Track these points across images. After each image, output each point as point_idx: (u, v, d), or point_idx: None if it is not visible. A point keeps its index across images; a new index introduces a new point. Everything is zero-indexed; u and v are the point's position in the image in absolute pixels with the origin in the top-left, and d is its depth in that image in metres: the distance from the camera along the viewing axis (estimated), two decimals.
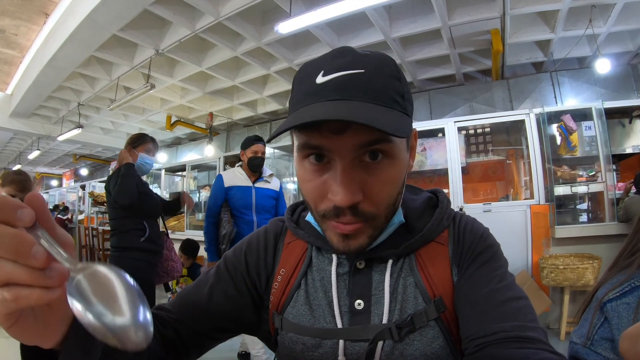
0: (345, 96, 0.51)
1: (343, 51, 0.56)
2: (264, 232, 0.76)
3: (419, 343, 0.58)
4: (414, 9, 4.42)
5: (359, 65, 0.53)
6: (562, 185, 3.94)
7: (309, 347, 0.62)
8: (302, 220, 0.74)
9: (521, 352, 0.49)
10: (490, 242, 0.65)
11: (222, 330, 0.70)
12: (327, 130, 0.52)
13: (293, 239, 0.73)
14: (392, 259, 0.63)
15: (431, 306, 0.59)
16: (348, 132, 0.51)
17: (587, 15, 4.17)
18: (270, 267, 0.71)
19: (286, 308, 0.66)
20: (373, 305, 0.61)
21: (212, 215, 2.98)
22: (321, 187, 0.55)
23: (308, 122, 0.49)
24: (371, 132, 0.51)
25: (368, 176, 0.54)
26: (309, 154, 0.55)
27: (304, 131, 0.54)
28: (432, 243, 0.65)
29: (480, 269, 0.61)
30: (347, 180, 0.52)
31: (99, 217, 9.70)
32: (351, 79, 0.52)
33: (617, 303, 0.71)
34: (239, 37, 4.92)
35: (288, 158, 6.16)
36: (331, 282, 0.64)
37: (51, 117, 8.39)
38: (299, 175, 0.60)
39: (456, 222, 0.68)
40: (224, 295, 0.69)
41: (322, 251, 0.68)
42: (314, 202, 0.58)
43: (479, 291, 0.58)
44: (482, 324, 0.54)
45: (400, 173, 0.58)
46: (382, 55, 0.57)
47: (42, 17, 5.57)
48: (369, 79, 0.52)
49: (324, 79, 0.53)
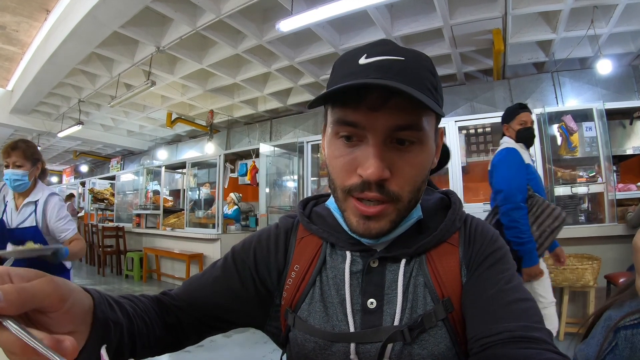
0: (386, 77, 0.54)
1: (385, 41, 0.61)
2: (275, 228, 0.76)
3: (427, 343, 0.59)
4: (415, 7, 4.42)
5: (400, 54, 0.57)
6: (562, 186, 3.94)
7: (321, 346, 0.62)
8: (315, 214, 0.74)
9: (525, 352, 0.49)
10: (499, 245, 0.66)
11: (223, 321, 0.71)
12: (365, 107, 0.54)
13: (306, 234, 0.73)
14: (406, 259, 0.64)
15: (439, 306, 0.60)
16: (385, 110, 0.54)
17: (589, 15, 4.17)
18: (282, 263, 0.71)
19: (301, 305, 0.66)
20: (385, 304, 0.62)
21: (524, 199, 2.28)
22: (351, 163, 0.57)
23: (353, 85, 0.51)
24: (405, 115, 0.54)
25: (397, 158, 0.56)
26: (343, 132, 0.57)
27: (341, 106, 0.57)
28: (444, 244, 0.65)
29: (489, 270, 0.62)
30: (379, 155, 0.54)
31: (99, 213, 9.72)
32: (392, 63, 0.55)
33: (632, 332, 0.66)
34: (240, 35, 4.92)
35: (288, 156, 6.16)
36: (344, 280, 0.64)
37: (51, 114, 8.39)
38: (328, 151, 0.61)
39: (467, 223, 0.68)
40: (228, 288, 0.70)
41: (336, 248, 0.69)
42: (341, 177, 0.59)
43: (486, 292, 0.59)
44: (488, 324, 0.55)
45: (427, 161, 0.60)
46: (420, 52, 0.61)
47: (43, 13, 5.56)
48: (408, 67, 0.56)
49: (366, 60, 0.56)
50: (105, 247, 7.53)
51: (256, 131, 8.42)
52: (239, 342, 3.73)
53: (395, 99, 0.53)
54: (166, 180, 8.23)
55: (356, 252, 0.66)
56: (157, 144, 10.89)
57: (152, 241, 7.29)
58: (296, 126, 7.75)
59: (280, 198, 6.14)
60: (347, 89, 0.52)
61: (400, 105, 0.53)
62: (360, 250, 0.66)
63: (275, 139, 7.81)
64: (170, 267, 6.73)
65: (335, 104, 0.58)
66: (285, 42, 5.15)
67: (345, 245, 0.66)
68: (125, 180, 9.30)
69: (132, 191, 8.87)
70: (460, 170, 4.35)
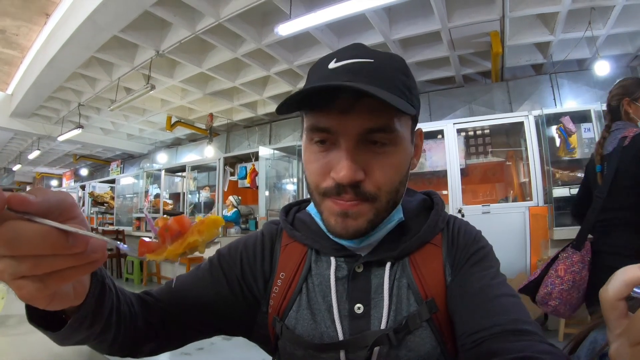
0: (355, 79, 0.54)
1: (356, 45, 0.61)
2: (261, 235, 0.75)
3: (413, 344, 0.59)
4: (413, 11, 4.43)
5: (369, 56, 0.57)
6: (560, 187, 3.95)
7: (311, 354, 0.62)
8: (298, 220, 0.74)
9: (518, 344, 0.50)
10: (483, 244, 0.67)
11: (207, 325, 0.70)
12: (336, 110, 0.54)
13: (290, 240, 0.72)
14: (391, 262, 0.63)
15: (423, 307, 0.60)
16: (355, 113, 0.54)
17: (587, 17, 4.18)
18: (267, 271, 0.71)
19: (288, 312, 0.66)
20: (373, 308, 0.62)
21: None
22: (325, 166, 0.58)
23: (316, 88, 0.51)
24: (376, 117, 0.54)
25: (371, 159, 0.56)
26: (316, 137, 0.58)
27: (313, 112, 0.57)
28: (427, 245, 0.65)
29: (474, 267, 0.62)
30: (350, 158, 0.54)
31: (99, 217, 9.71)
32: (361, 66, 0.56)
33: None
34: (239, 39, 4.93)
35: (288, 159, 6.17)
36: (330, 286, 0.64)
37: (51, 118, 8.39)
38: (304, 157, 0.62)
39: (450, 224, 0.69)
40: (214, 292, 0.69)
41: (320, 254, 0.68)
42: (316, 181, 0.60)
43: (473, 287, 0.59)
44: (478, 319, 0.55)
45: (403, 162, 0.60)
46: (392, 53, 0.62)
47: (43, 17, 5.58)
48: (378, 68, 0.56)
49: (336, 64, 0.57)
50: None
51: (255, 134, 8.43)
52: (239, 345, 3.73)
53: (365, 101, 0.53)
54: (166, 184, 8.24)
55: (340, 258, 0.66)
56: (156, 147, 10.89)
57: None
58: (295, 129, 7.76)
59: (279, 201, 6.14)
60: (313, 92, 0.52)
61: (370, 107, 0.53)
62: (344, 255, 0.66)
63: (274, 142, 7.81)
64: (171, 271, 6.73)
65: (308, 110, 0.59)
66: (284, 46, 5.17)
67: (330, 251, 0.66)
68: (125, 184, 9.30)
69: (132, 194, 8.87)
70: (459, 172, 4.36)
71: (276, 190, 6.21)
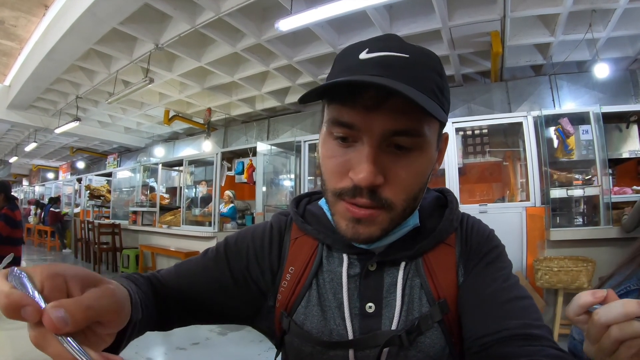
0: (386, 74, 0.50)
1: (390, 36, 0.57)
2: (269, 226, 0.73)
3: (423, 345, 0.58)
4: (414, 9, 4.42)
5: (405, 51, 0.53)
6: (558, 188, 3.96)
7: (319, 351, 0.61)
8: (309, 213, 0.71)
9: (527, 349, 0.49)
10: (496, 243, 0.66)
11: (207, 311, 0.69)
12: (362, 106, 0.50)
13: (300, 234, 0.70)
14: (405, 262, 0.62)
15: (435, 308, 0.59)
16: (382, 110, 0.50)
17: (587, 19, 4.18)
18: (275, 265, 0.68)
19: (297, 308, 0.64)
20: (384, 308, 0.60)
21: None
22: (344, 165, 0.54)
23: (344, 81, 0.47)
24: (404, 119, 0.50)
25: (393, 164, 0.53)
26: (337, 132, 0.54)
27: (337, 104, 0.53)
28: (441, 244, 0.64)
29: (486, 269, 0.61)
30: (372, 161, 0.50)
31: (94, 210, 9.67)
32: (395, 60, 0.51)
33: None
34: (239, 33, 4.91)
35: (285, 155, 6.15)
36: (342, 284, 0.63)
37: (49, 110, 8.35)
38: (322, 150, 0.58)
39: (463, 223, 0.67)
40: (217, 281, 0.68)
41: (332, 250, 0.66)
42: (333, 179, 0.56)
43: (484, 290, 0.58)
44: (487, 323, 0.54)
45: (425, 169, 0.56)
46: (429, 50, 0.56)
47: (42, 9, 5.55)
48: (412, 65, 0.52)
49: (367, 55, 0.52)
50: (101, 244, 7.50)
51: (254, 130, 8.42)
52: (235, 340, 3.73)
53: (395, 100, 0.49)
54: (163, 178, 8.21)
55: (353, 255, 0.64)
56: (154, 141, 10.86)
57: (149, 238, 7.26)
58: (294, 125, 7.75)
59: (276, 197, 6.13)
60: (340, 85, 0.48)
61: (399, 106, 0.49)
62: (357, 253, 0.64)
63: (272, 138, 7.80)
64: (167, 265, 6.67)
65: (331, 101, 0.55)
66: (284, 41, 5.15)
67: (342, 247, 0.64)
68: (122, 177, 9.26)
69: (128, 188, 8.84)
70: (457, 171, 4.36)
71: (273, 186, 6.19)
